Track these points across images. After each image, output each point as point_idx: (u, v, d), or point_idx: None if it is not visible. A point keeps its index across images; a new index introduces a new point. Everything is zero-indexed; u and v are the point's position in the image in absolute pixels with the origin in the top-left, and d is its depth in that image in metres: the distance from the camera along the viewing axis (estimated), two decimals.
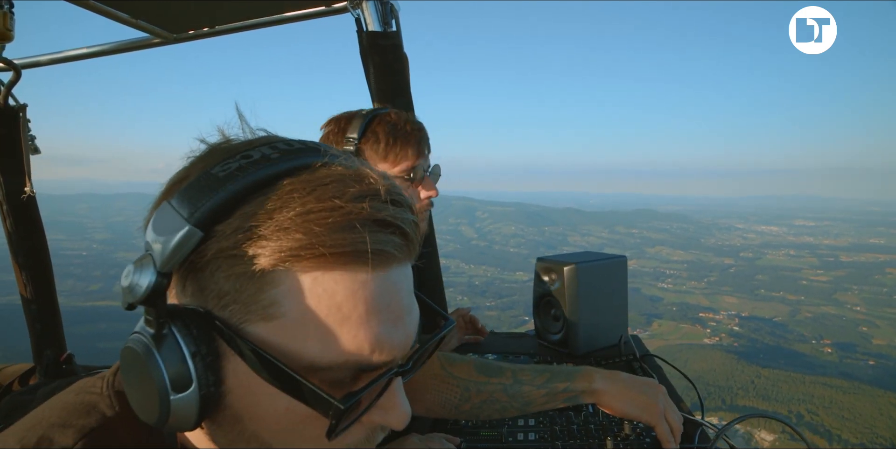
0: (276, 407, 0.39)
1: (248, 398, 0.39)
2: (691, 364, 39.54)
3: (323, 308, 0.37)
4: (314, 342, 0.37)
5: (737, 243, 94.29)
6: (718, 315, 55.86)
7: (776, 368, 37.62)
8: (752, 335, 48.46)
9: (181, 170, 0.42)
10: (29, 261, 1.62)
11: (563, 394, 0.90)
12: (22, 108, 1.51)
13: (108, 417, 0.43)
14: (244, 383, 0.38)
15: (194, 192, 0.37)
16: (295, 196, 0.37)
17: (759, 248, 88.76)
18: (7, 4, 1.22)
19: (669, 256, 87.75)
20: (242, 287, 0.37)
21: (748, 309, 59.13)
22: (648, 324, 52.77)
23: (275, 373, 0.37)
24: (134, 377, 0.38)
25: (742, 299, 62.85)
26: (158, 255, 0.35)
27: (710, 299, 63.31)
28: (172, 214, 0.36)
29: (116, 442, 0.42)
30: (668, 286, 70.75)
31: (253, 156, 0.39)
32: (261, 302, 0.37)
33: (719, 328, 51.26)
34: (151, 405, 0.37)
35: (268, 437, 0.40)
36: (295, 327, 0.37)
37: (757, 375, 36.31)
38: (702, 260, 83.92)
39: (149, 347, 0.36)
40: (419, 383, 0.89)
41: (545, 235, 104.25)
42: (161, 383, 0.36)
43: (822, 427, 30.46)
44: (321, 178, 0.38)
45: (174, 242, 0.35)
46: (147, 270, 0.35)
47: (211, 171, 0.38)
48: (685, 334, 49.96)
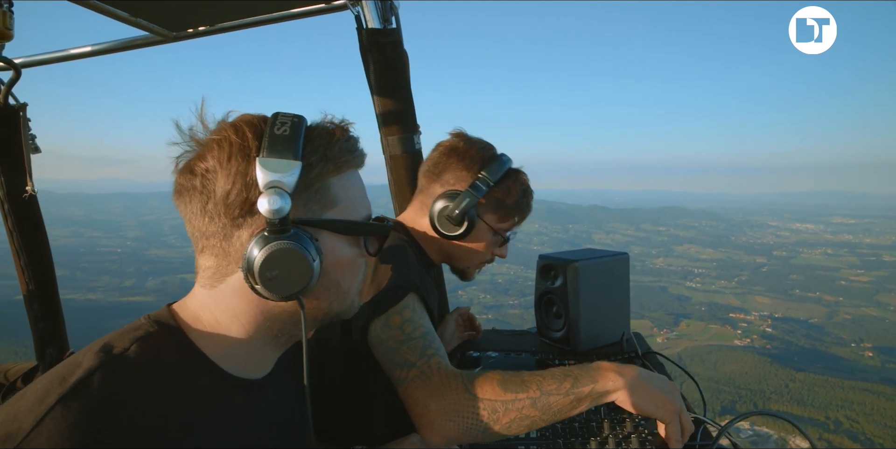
0: (347, 253, 0.66)
1: (334, 255, 0.64)
2: (721, 366, 38.35)
3: (356, 192, 0.68)
4: (356, 210, 0.67)
5: (770, 241, 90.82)
6: (750, 316, 53.91)
7: (812, 371, 35.95)
8: (786, 337, 46.51)
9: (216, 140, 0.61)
10: (31, 260, 1.63)
11: (588, 397, 0.87)
12: (22, 108, 1.51)
13: (152, 331, 0.59)
14: (331, 248, 0.64)
15: (280, 144, 0.59)
16: (326, 139, 0.64)
17: (793, 246, 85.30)
18: (7, 3, 1.21)
19: (698, 254, 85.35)
20: (319, 194, 0.63)
21: (782, 310, 56.93)
22: (676, 324, 51.38)
23: (349, 227, 0.65)
24: (284, 264, 0.58)
25: (775, 300, 60.56)
26: (286, 186, 0.57)
27: (741, 299, 61.22)
28: (277, 161, 0.58)
29: (159, 346, 0.58)
30: (697, 285, 68.78)
31: (287, 121, 0.61)
32: (328, 198, 0.64)
33: (751, 329, 49.46)
34: (304, 274, 0.59)
35: (341, 277, 0.66)
36: (346, 206, 0.66)
37: (791, 379, 34.87)
38: (732, 258, 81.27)
39: (294, 243, 0.58)
40: (444, 411, 0.86)
41: (569, 232, 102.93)
42: (309, 259, 0.59)
43: (862, 435, 28.99)
44: (327, 129, 0.65)
45: (296, 174, 0.58)
46: (284, 196, 0.57)
47: (275, 132, 0.60)
48: (714, 335, 48.43)
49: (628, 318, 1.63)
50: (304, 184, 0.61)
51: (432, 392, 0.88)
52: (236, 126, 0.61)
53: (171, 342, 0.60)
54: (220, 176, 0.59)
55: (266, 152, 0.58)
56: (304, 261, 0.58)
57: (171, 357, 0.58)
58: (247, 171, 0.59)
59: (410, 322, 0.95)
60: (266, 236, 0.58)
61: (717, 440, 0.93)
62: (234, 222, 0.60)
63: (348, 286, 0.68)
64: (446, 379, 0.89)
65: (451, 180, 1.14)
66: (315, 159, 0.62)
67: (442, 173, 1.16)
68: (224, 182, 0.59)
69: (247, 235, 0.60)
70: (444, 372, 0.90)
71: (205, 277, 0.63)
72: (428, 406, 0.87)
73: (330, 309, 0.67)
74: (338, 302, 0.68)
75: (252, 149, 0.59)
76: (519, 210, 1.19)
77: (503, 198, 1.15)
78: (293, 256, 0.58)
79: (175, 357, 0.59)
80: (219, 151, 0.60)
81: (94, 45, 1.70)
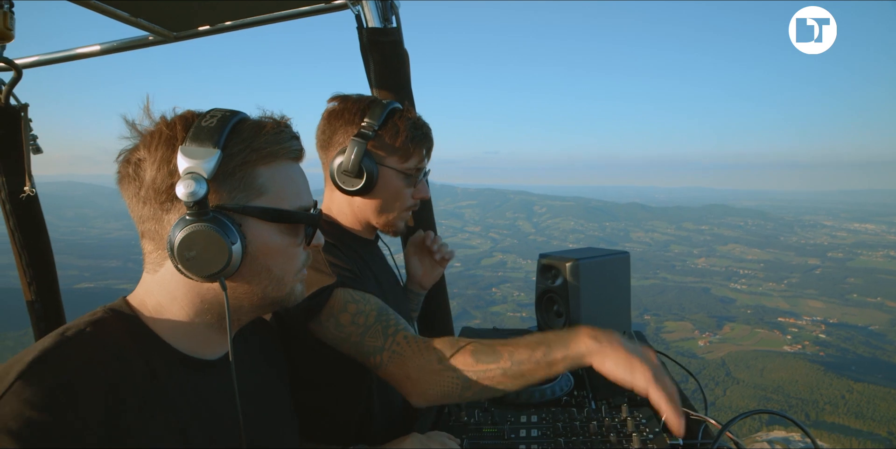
0: (277, 241, 0.69)
1: (261, 241, 0.67)
2: (768, 373, 36.46)
3: (289, 183, 0.70)
4: (287, 199, 0.69)
5: (824, 242, 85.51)
6: (801, 320, 51.06)
7: (872, 382, 33.45)
8: (843, 344, 43.63)
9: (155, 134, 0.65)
10: (32, 260, 1.63)
11: (562, 362, 0.89)
12: (23, 108, 1.50)
13: (105, 317, 0.65)
14: (258, 234, 0.67)
15: (202, 134, 0.63)
16: (255, 130, 0.67)
17: (851, 247, 79.98)
18: (7, 4, 1.19)
19: (743, 254, 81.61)
20: (244, 182, 0.66)
21: (837, 315, 53.58)
22: (719, 327, 49.28)
23: (275, 215, 0.67)
24: (200, 245, 0.61)
25: (830, 304, 57.07)
26: (203, 171, 0.60)
27: (791, 303, 58.12)
28: (197, 149, 0.61)
29: (112, 328, 0.64)
30: (742, 287, 65.82)
31: (218, 115, 0.65)
32: (254, 187, 0.67)
33: (802, 335, 46.76)
34: (220, 255, 0.62)
35: (271, 263, 0.69)
36: (276, 195, 0.68)
37: (848, 390, 32.61)
38: (781, 260, 77.22)
39: (211, 225, 0.61)
40: (418, 379, 0.93)
41: (606, 230, 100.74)
42: (225, 241, 0.62)
43: None
44: (260, 122, 0.69)
45: (214, 160, 0.61)
46: (200, 181, 0.60)
47: (201, 124, 0.64)
48: (761, 340, 46.17)
49: (629, 316, 1.64)
50: (227, 171, 0.64)
51: (408, 366, 0.93)
52: (169, 119, 0.66)
53: (122, 324, 0.65)
54: (148, 163, 0.64)
55: (189, 141, 0.62)
56: (220, 243, 0.61)
57: (123, 337, 0.63)
58: (170, 159, 0.63)
59: (360, 314, 0.97)
60: (186, 219, 0.62)
61: (718, 439, 0.92)
62: (162, 207, 0.64)
63: (281, 273, 0.70)
64: (418, 351, 0.94)
65: (341, 140, 1.12)
66: (239, 149, 0.65)
67: (331, 139, 1.14)
68: (151, 169, 0.63)
69: (175, 220, 0.63)
70: (415, 345, 0.94)
71: (148, 262, 0.68)
72: (408, 378, 0.93)
73: (265, 294, 0.70)
74: (272, 288, 0.70)
75: (178, 139, 0.64)
76: (416, 144, 1.15)
77: (394, 139, 1.12)
78: (209, 237, 0.61)
79: (126, 337, 0.64)
80: (150, 141, 0.64)
81: (94, 45, 1.69)
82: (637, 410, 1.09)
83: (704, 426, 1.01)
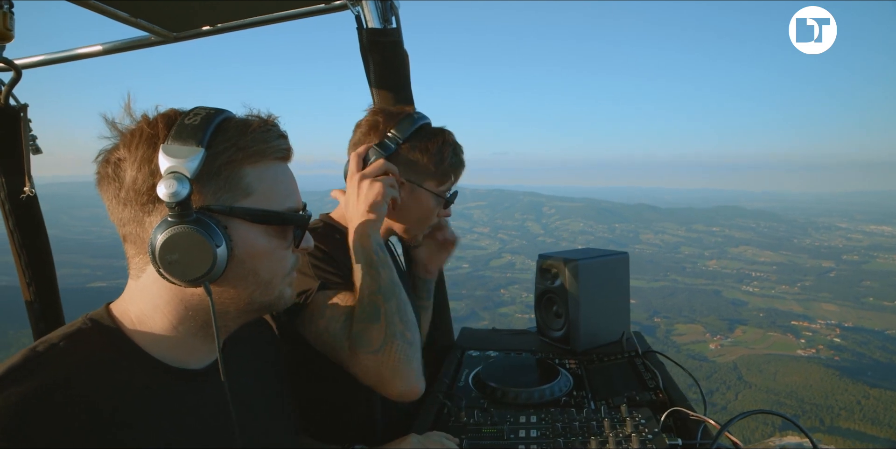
0: (264, 243, 0.66)
1: (248, 243, 0.64)
2: (781, 377, 35.82)
3: (277, 184, 0.67)
4: (275, 200, 0.66)
5: (839, 245, 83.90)
6: (815, 324, 50.05)
7: (889, 388, 32.66)
8: (858, 349, 42.69)
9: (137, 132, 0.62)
10: (31, 260, 1.64)
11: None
12: (23, 108, 1.50)
13: (84, 328, 0.62)
14: (245, 236, 0.64)
15: (185, 132, 0.60)
16: (241, 129, 0.64)
17: (867, 250, 78.34)
18: (7, 4, 1.20)
19: (756, 256, 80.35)
20: (229, 182, 0.63)
21: (852, 319, 52.49)
22: (731, 330, 48.51)
23: (262, 217, 0.64)
24: (183, 248, 0.58)
25: (844, 308, 55.95)
26: (185, 171, 0.57)
27: (805, 306, 57.05)
28: (179, 148, 0.58)
29: (89, 342, 0.60)
30: (754, 290, 64.77)
31: (201, 113, 0.62)
32: (241, 187, 0.63)
33: (816, 339, 45.85)
34: (204, 259, 0.58)
35: (258, 266, 0.66)
36: (263, 196, 0.65)
37: (864, 395, 31.89)
38: (795, 262, 75.90)
39: (194, 227, 0.58)
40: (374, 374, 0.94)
41: (615, 232, 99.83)
42: (209, 243, 0.59)
43: None
44: (246, 120, 0.66)
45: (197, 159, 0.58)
46: (182, 181, 0.57)
47: (184, 122, 0.61)
48: (774, 344, 45.35)
49: (628, 317, 1.64)
50: (212, 170, 0.61)
51: (351, 366, 0.94)
52: (151, 118, 0.63)
53: (101, 337, 0.61)
54: (128, 163, 0.61)
55: (171, 140, 0.59)
56: (204, 245, 0.58)
57: (102, 352, 0.60)
58: (152, 158, 0.60)
59: (332, 320, 0.97)
60: (168, 221, 0.58)
61: (717, 439, 0.93)
62: (143, 209, 0.61)
63: (269, 276, 0.67)
64: (350, 352, 0.94)
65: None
66: (224, 147, 0.62)
67: (357, 146, 1.14)
68: (131, 169, 0.60)
69: (157, 222, 0.60)
70: (352, 347, 0.94)
71: (131, 268, 0.65)
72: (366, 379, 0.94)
73: (252, 299, 0.67)
74: (260, 292, 0.67)
75: (160, 138, 0.61)
76: (455, 169, 1.17)
77: (438, 165, 1.13)
78: (192, 240, 0.58)
79: (106, 351, 0.60)
80: (130, 140, 0.61)
81: (94, 45, 1.69)
82: (636, 411, 1.08)
83: (703, 426, 1.00)
